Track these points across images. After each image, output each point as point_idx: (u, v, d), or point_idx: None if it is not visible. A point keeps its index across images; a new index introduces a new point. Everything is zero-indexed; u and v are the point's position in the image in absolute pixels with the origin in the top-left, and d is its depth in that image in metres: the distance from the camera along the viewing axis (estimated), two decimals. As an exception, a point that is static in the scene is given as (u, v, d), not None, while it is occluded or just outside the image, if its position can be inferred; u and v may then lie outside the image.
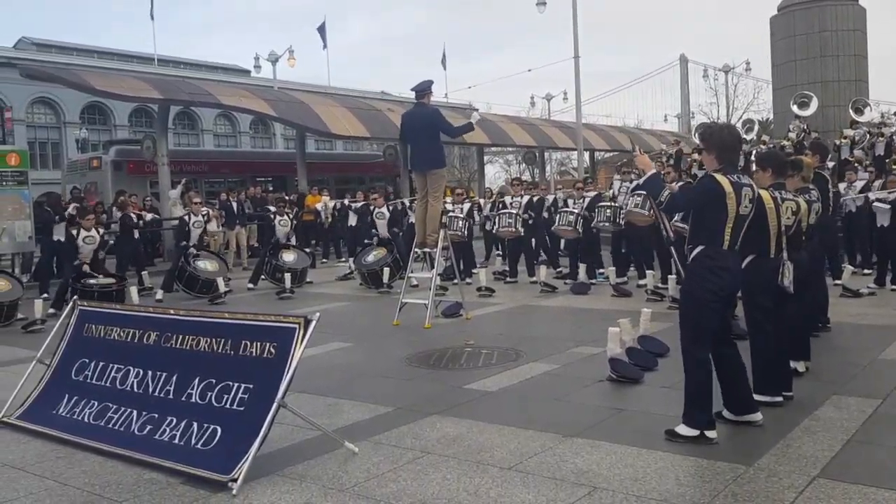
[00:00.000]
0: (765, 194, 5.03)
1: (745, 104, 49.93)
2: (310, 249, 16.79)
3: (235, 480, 3.99)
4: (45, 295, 11.80)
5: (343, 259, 16.86)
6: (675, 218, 8.87)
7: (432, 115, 9.33)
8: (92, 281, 11.06)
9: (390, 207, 14.42)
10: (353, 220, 15.74)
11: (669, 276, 10.08)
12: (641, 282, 11.10)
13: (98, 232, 11.57)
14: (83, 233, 11.28)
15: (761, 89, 46.38)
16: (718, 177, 4.45)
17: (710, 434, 4.41)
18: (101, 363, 5.35)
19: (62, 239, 12.44)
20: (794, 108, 18.05)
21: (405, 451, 4.53)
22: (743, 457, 4.18)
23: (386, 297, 11.70)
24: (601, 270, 12.35)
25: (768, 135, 20.04)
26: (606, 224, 11.81)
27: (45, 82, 30.43)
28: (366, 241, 14.01)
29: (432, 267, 10.04)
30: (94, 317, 5.72)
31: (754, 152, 11.19)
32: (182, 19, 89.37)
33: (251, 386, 4.45)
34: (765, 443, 4.40)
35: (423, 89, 9.27)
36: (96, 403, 5.12)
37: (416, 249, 10.11)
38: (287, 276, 12.70)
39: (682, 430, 4.46)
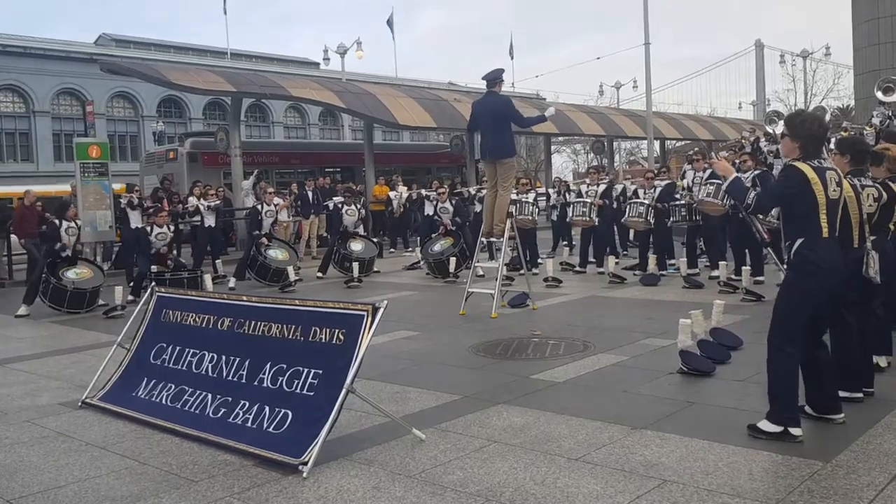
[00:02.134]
0: (844, 182, 4.84)
1: (825, 90, 48.21)
2: (377, 239, 16.97)
3: (306, 464, 4.07)
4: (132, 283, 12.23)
5: (410, 249, 16.96)
6: (769, 217, 8.52)
7: (504, 104, 9.25)
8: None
9: (453, 201, 14.59)
10: (430, 210, 15.88)
11: (743, 268, 9.82)
12: (714, 273, 10.85)
13: (169, 228, 11.90)
14: (156, 229, 11.58)
15: (841, 75, 44.78)
16: (798, 164, 4.29)
17: (795, 431, 4.24)
18: (178, 348, 5.53)
19: (140, 226, 12.84)
20: (878, 94, 17.25)
21: (472, 440, 4.55)
22: (820, 453, 4.05)
23: (452, 287, 11.74)
24: (672, 261, 12.11)
25: (849, 121, 19.27)
26: (681, 223, 11.61)
27: (123, 77, 31.45)
28: (437, 224, 14.23)
29: (499, 257, 10.01)
30: (172, 303, 5.91)
31: (834, 138, 10.78)
32: (254, 14, 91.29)
33: (320, 371, 4.52)
34: (844, 439, 4.25)
35: (495, 78, 9.23)
36: (173, 386, 5.29)
37: (482, 239, 10.09)
38: (355, 265, 12.88)
39: (765, 426, 4.31)
